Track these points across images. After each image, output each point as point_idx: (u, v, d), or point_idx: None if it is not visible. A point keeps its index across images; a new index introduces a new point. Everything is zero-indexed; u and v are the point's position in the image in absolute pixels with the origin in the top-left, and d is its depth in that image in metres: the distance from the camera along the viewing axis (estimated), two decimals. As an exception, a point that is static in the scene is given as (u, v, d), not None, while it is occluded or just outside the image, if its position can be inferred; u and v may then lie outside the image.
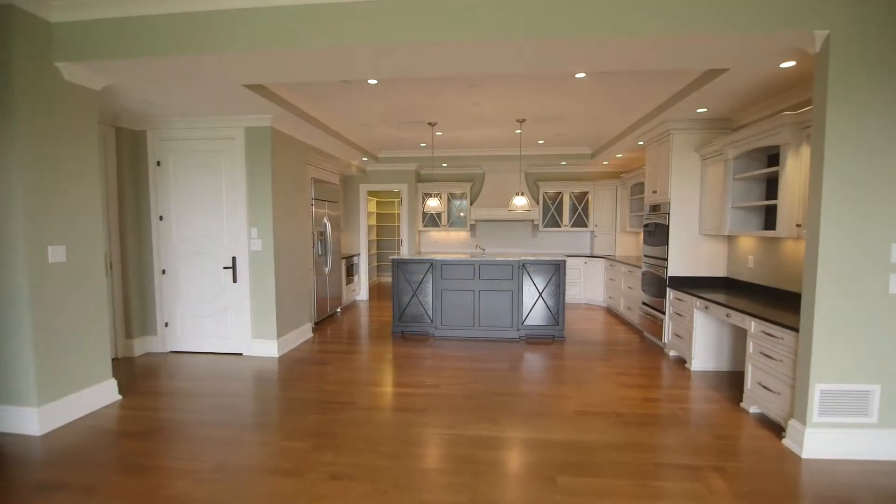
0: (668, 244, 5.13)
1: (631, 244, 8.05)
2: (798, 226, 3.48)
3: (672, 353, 5.08)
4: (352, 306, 8.08)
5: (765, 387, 3.40)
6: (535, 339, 5.71)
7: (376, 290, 9.88)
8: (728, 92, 3.98)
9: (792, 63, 3.27)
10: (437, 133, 6.53)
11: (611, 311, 7.56)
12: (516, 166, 8.40)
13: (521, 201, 5.73)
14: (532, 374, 4.41)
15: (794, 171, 3.51)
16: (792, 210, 3.53)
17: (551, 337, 5.78)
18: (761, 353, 3.44)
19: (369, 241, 10.28)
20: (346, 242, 8.70)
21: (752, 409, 3.57)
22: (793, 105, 3.94)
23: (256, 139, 4.86)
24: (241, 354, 5.09)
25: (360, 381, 4.24)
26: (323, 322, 6.73)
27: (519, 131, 6.38)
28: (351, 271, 8.20)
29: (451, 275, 5.77)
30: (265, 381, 4.26)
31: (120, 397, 3.82)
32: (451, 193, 8.76)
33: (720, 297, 4.22)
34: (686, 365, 4.70)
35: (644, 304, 5.81)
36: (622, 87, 4.42)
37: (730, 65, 3.33)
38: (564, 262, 5.69)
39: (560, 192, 8.50)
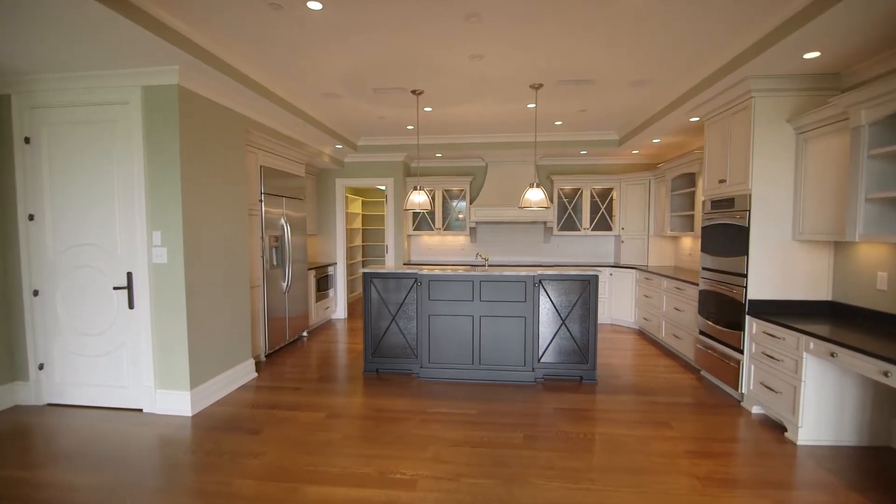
0: (747, 254, 3.62)
1: (667, 251, 6.54)
2: None
3: (755, 410, 3.56)
4: (325, 328, 6.58)
5: None
6: (557, 383, 4.20)
7: (360, 306, 8.38)
8: (879, 13, 2.49)
9: None
10: (426, 109, 5.05)
11: (645, 336, 6.04)
12: (526, 156, 6.91)
13: (536, 195, 4.24)
14: (560, 454, 2.90)
15: None
16: None
17: (578, 379, 4.27)
18: (984, 453, 1.92)
19: (352, 248, 8.80)
20: (320, 249, 7.21)
21: (956, 546, 2.05)
22: None
23: (158, 103, 3.39)
24: (141, 411, 3.59)
25: (295, 468, 2.73)
26: (279, 353, 5.22)
27: (533, 105, 4.89)
28: (325, 284, 6.71)
29: (443, 294, 4.27)
30: (149, 468, 2.75)
31: None
32: (446, 190, 7.27)
33: (826, 331, 2.71)
34: (786, 434, 3.18)
35: (704, 334, 4.29)
36: (690, 20, 2.93)
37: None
38: (596, 277, 4.18)
39: (579, 189, 7.01)
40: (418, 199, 4.40)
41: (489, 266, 6.66)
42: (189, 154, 3.48)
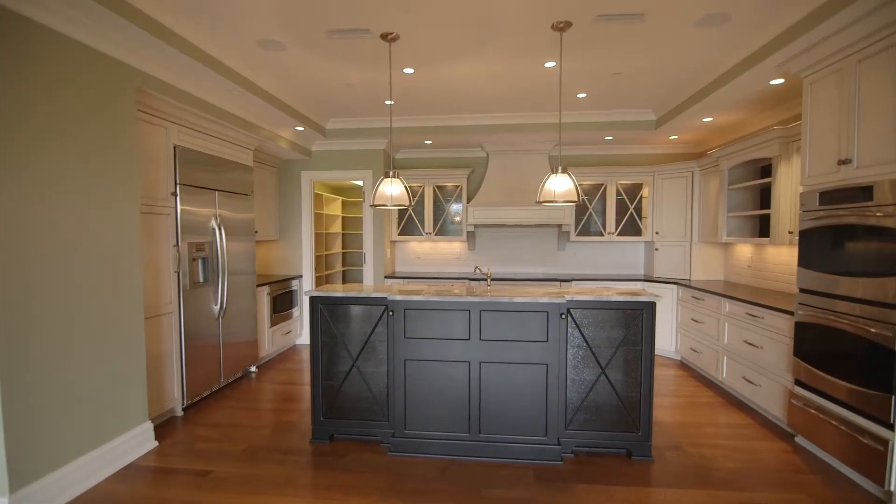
0: (904, 273, 2.29)
1: (715, 262, 5.20)
2: None
3: (923, 525, 2.21)
4: (284, 358, 5.23)
5: None
6: (594, 460, 2.85)
7: (336, 325, 7.01)
8: None
9: None
10: (406, 70, 3.72)
11: (693, 373, 4.69)
12: (537, 142, 5.59)
13: (562, 184, 2.90)
14: None
15: None
16: None
17: (624, 453, 2.92)
18: None
19: (330, 256, 7.46)
20: (282, 259, 5.86)
21: None
22: None
23: (-52, 25, 2.06)
24: (-68, 527, 2.24)
25: None
26: (208, 401, 3.87)
27: (552, 64, 3.57)
28: (286, 303, 5.37)
29: (426, 328, 2.92)
30: None
31: None
32: (438, 187, 5.95)
33: None
34: None
35: (805, 386, 2.95)
36: None
37: None
38: (652, 305, 2.84)
39: (601, 185, 5.68)
40: (391, 190, 3.06)
41: (492, 282, 5.33)
42: (3, 114, 2.15)
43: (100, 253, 2.64)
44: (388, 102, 4.59)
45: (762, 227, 4.35)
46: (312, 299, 3.02)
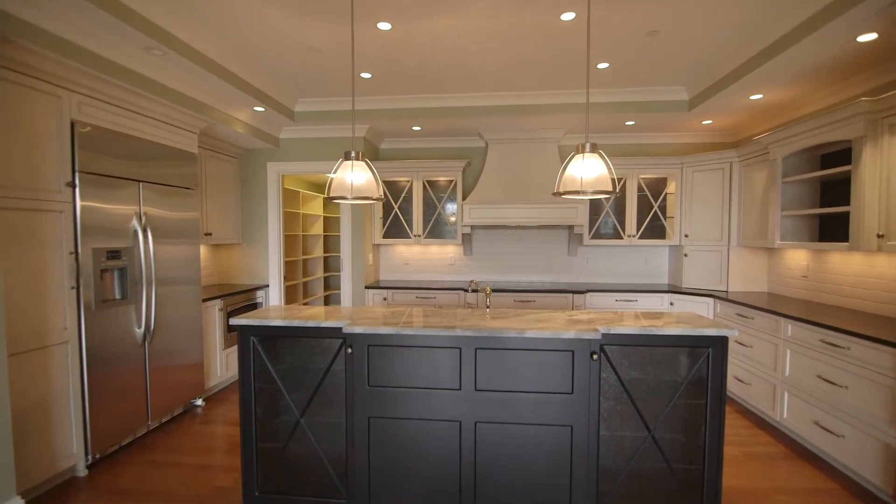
0: None
1: (758, 270, 4.37)
2: None
3: None
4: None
5: None
6: (636, 559, 2.02)
7: (314, 339, 6.16)
8: None
9: None
10: (381, 25, 2.88)
11: (737, 406, 3.85)
12: (545, 128, 4.77)
13: (590, 169, 2.06)
14: None
15: None
16: None
17: (677, 546, 2.08)
18: None
19: (309, 261, 6.61)
20: (246, 266, 5.00)
21: None
22: None
23: None
24: None
25: None
26: (127, 451, 3.01)
27: (571, 15, 2.73)
28: (248, 318, 4.51)
29: (398, 373, 2.08)
30: None
31: None
32: (429, 181, 5.11)
33: None
34: None
35: (931, 452, 2.12)
36: None
37: None
38: (723, 340, 2.00)
39: (621, 179, 4.85)
40: (352, 177, 2.21)
41: (491, 295, 4.50)
42: None
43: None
44: (364, 76, 3.75)
45: (823, 229, 3.54)
46: (242, 329, 2.17)
